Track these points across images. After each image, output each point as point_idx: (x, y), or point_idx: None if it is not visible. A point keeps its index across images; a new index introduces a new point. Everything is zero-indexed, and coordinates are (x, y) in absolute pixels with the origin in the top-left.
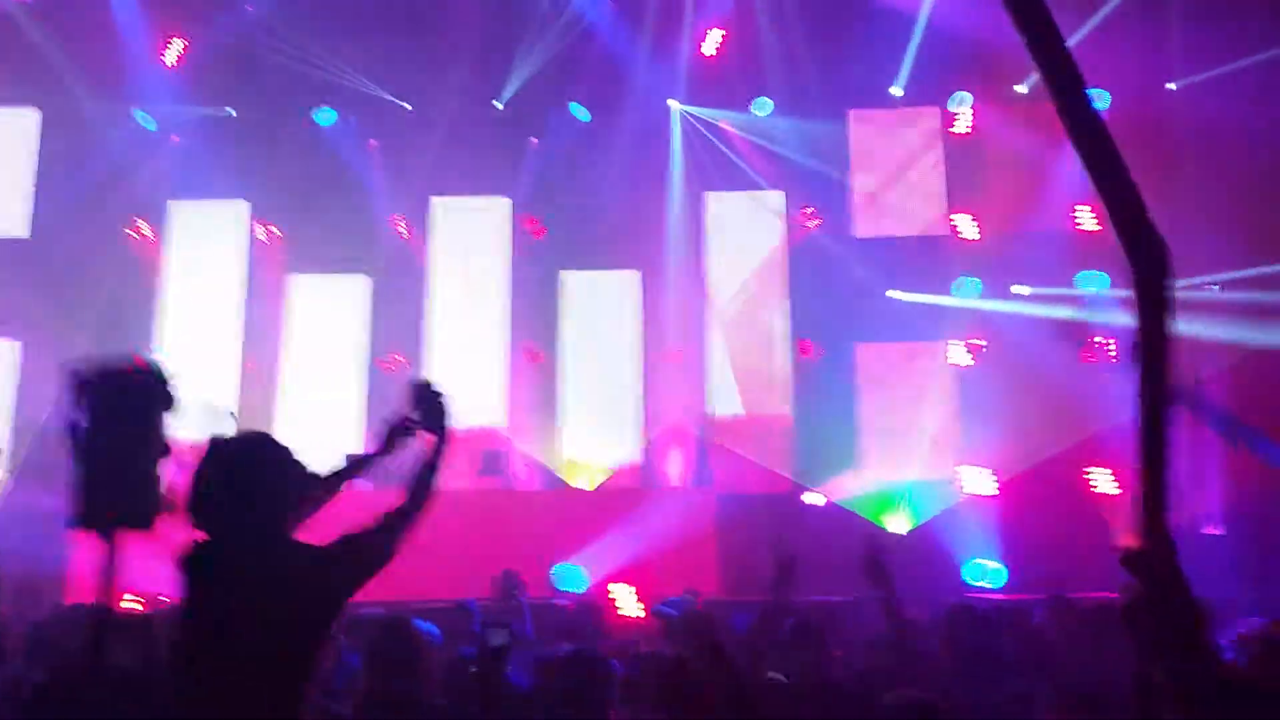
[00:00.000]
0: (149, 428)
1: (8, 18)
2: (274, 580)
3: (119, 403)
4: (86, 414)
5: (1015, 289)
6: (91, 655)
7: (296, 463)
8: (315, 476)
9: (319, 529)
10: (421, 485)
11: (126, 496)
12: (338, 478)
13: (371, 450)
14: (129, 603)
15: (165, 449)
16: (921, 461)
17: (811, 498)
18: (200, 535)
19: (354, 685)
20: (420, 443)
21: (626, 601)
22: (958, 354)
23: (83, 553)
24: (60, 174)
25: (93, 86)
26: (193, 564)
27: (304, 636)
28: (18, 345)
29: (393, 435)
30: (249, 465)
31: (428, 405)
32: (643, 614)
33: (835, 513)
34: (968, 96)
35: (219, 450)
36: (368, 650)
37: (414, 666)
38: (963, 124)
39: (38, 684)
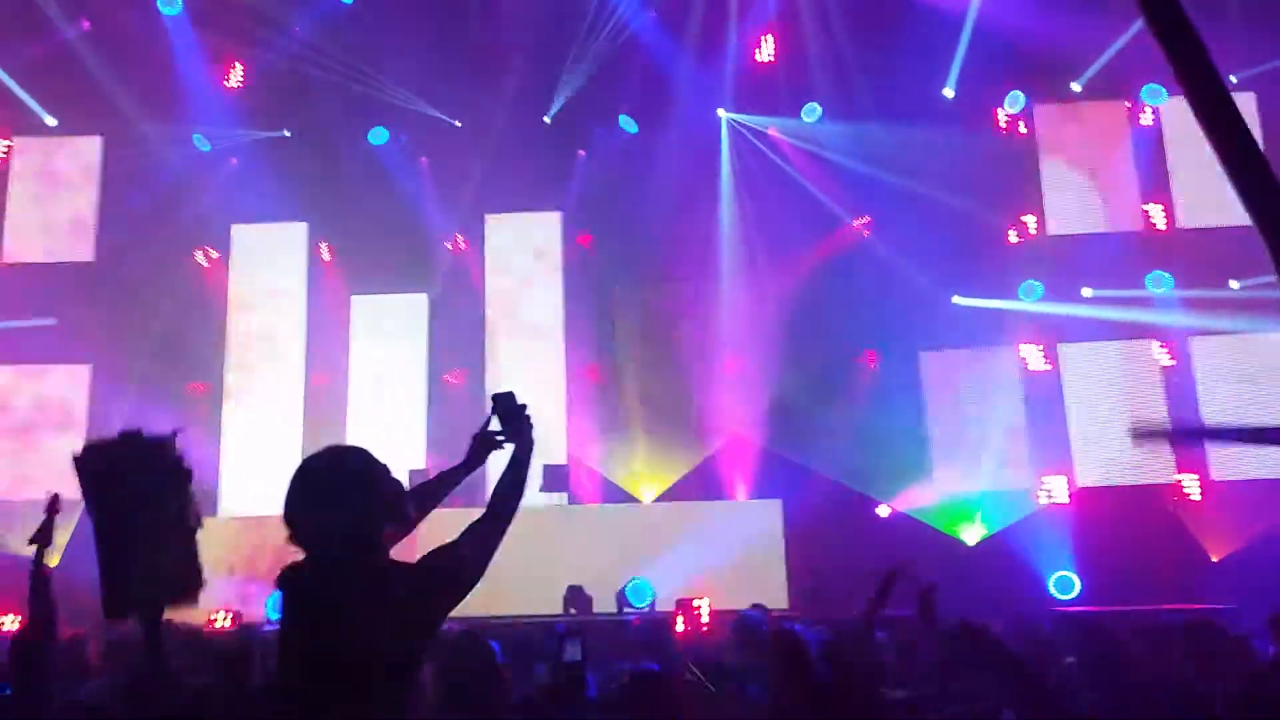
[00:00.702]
0: (166, 502)
1: (67, 47)
2: (371, 603)
3: (126, 483)
4: (93, 501)
5: (1085, 292)
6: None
7: (390, 478)
8: (408, 492)
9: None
10: (508, 498)
11: (150, 579)
12: (428, 494)
13: (459, 464)
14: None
15: (189, 522)
16: (994, 470)
17: (882, 510)
18: (299, 554)
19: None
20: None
21: (694, 616)
22: (1031, 358)
23: None
24: (122, 198)
25: (151, 111)
26: (291, 584)
27: (401, 657)
28: (87, 369)
29: (480, 448)
30: (339, 482)
31: (511, 417)
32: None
33: (906, 524)
34: (1021, 96)
35: (309, 467)
36: (440, 666)
37: (487, 683)
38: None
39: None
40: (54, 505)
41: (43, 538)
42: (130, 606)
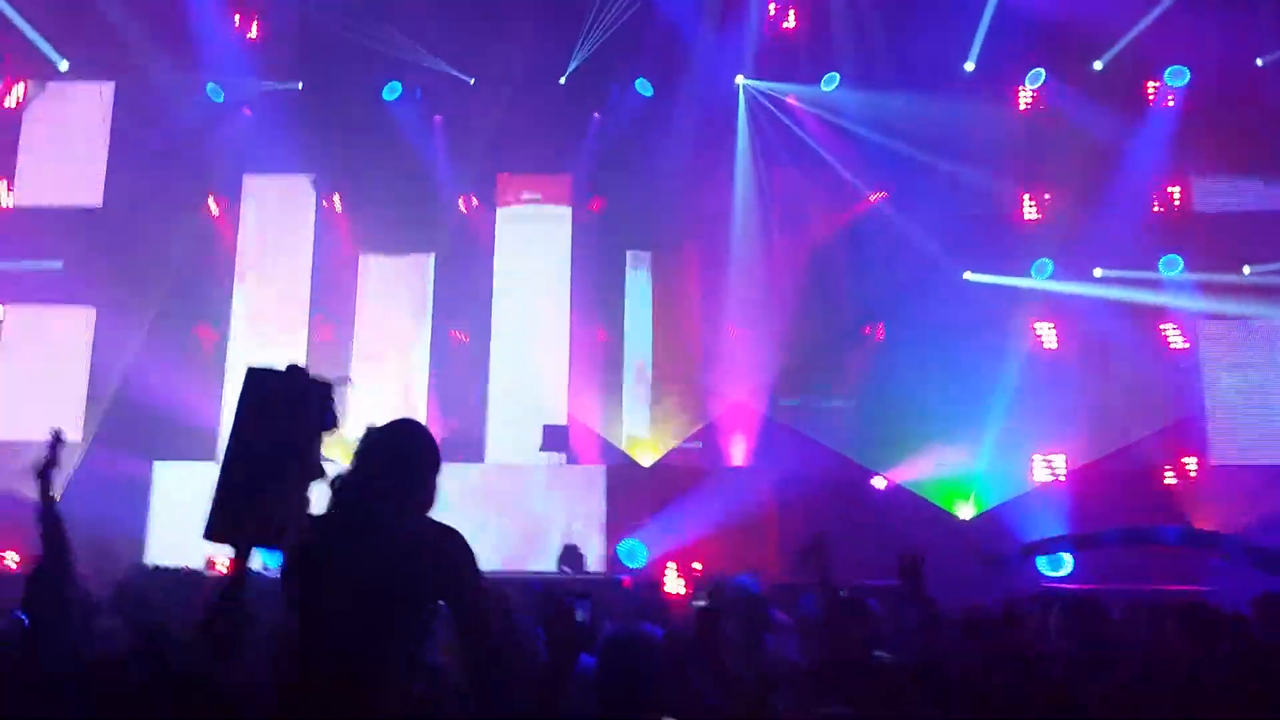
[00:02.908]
0: (306, 445)
1: None
2: (405, 546)
3: (283, 412)
4: (244, 421)
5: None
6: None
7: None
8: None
9: None
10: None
11: (265, 515)
12: None
13: None
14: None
15: (319, 471)
16: (992, 446)
17: (877, 481)
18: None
19: None
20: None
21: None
22: (1043, 336)
23: (160, 518)
24: (133, 145)
25: (165, 59)
26: (316, 535)
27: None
28: (92, 312)
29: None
30: (417, 451)
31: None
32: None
33: (900, 497)
34: (1042, 73)
35: (383, 432)
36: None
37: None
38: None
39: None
40: (58, 439)
41: (48, 469)
42: (235, 534)
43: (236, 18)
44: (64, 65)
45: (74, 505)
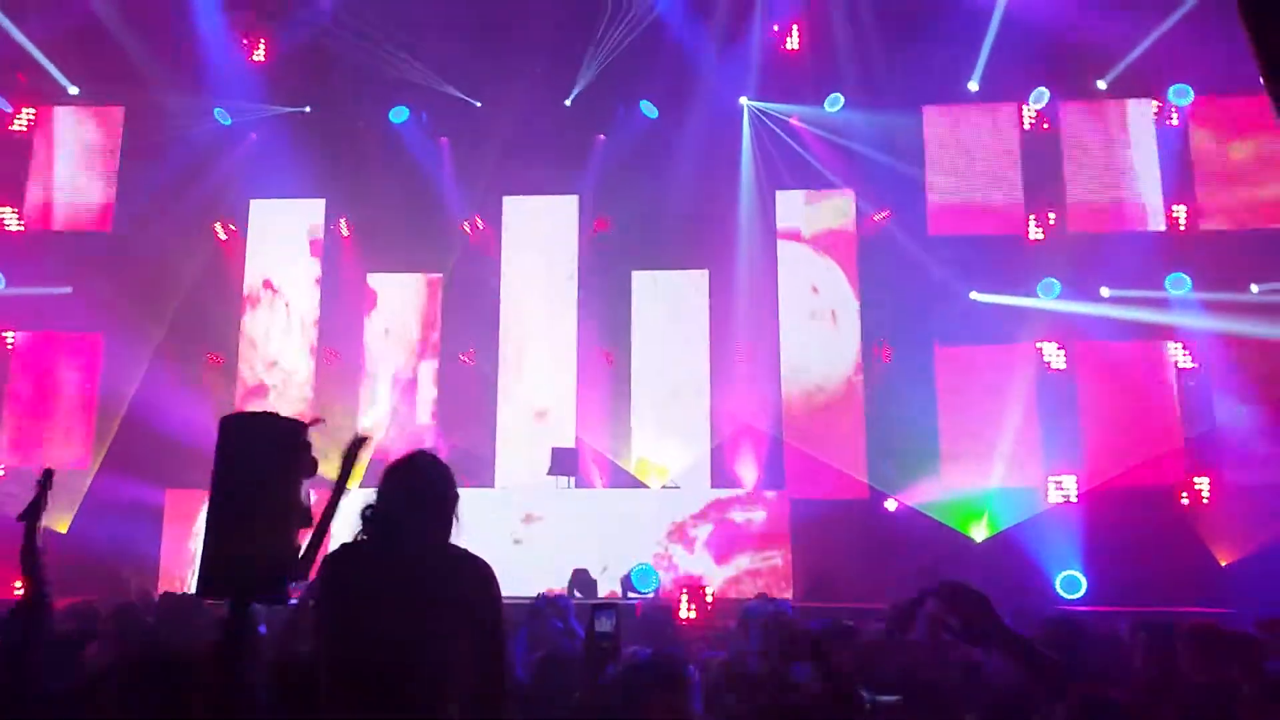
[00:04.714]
0: (287, 489)
1: (91, 17)
2: (443, 568)
3: (260, 457)
4: (221, 471)
5: (1104, 291)
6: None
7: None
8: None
9: None
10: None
11: (251, 563)
12: None
13: None
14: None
15: (304, 515)
16: (1004, 468)
17: (890, 504)
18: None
19: None
20: None
21: (699, 603)
22: (1050, 356)
23: (170, 545)
24: (142, 170)
25: (173, 83)
26: (349, 561)
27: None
28: (99, 337)
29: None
30: (438, 481)
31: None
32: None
33: (913, 520)
34: (1046, 92)
35: (413, 463)
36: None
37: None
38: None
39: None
40: (47, 480)
41: (33, 513)
42: (228, 588)
43: (244, 42)
44: (73, 90)
45: (87, 531)
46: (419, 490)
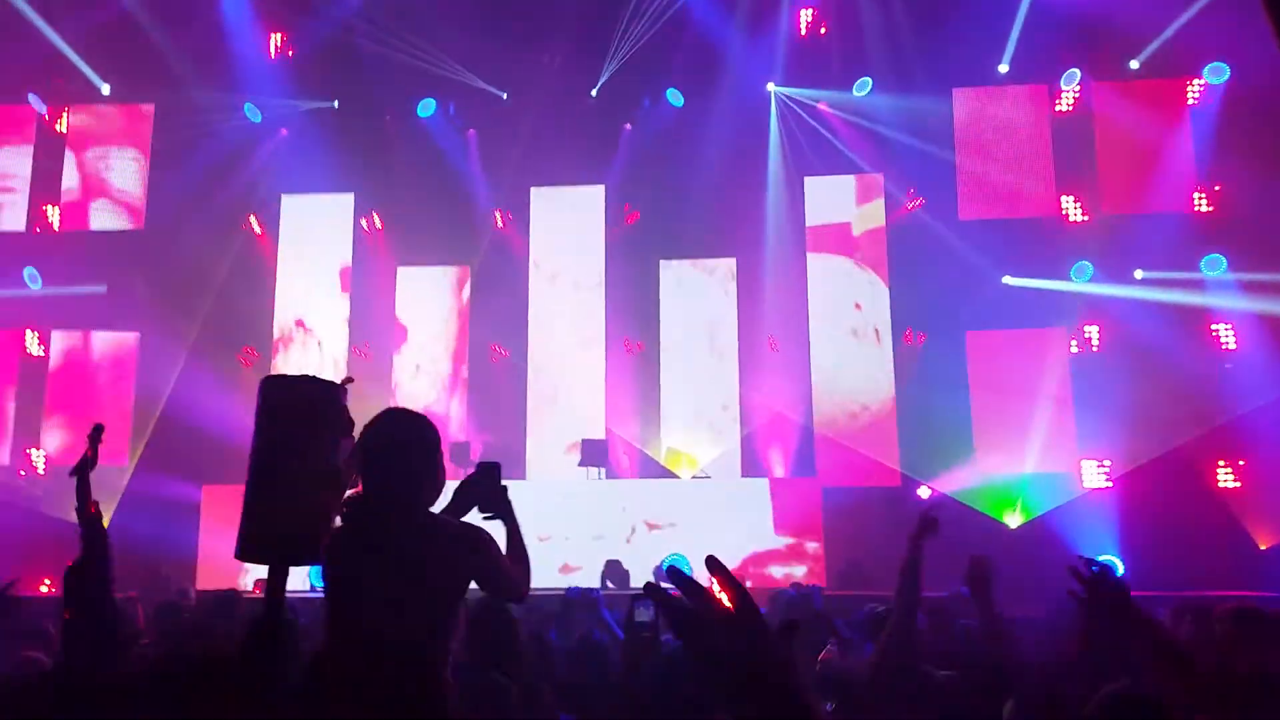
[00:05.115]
0: (326, 450)
1: (122, 15)
2: (422, 539)
3: (299, 419)
4: (265, 426)
5: (1138, 274)
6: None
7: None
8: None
9: None
10: (519, 560)
11: (293, 530)
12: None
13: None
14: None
15: (343, 476)
16: (1038, 453)
17: (923, 491)
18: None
19: None
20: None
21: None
22: (1087, 339)
23: (208, 541)
24: (173, 167)
25: (203, 81)
26: (351, 519)
27: (437, 598)
28: (134, 336)
29: (461, 500)
30: (414, 437)
31: (492, 501)
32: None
33: (947, 506)
34: (1077, 73)
35: (392, 419)
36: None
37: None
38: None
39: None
40: (97, 435)
41: (84, 467)
42: (267, 552)
43: (273, 38)
44: (105, 89)
45: (125, 529)
46: (375, 450)
